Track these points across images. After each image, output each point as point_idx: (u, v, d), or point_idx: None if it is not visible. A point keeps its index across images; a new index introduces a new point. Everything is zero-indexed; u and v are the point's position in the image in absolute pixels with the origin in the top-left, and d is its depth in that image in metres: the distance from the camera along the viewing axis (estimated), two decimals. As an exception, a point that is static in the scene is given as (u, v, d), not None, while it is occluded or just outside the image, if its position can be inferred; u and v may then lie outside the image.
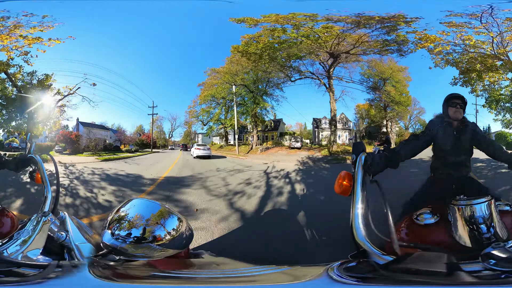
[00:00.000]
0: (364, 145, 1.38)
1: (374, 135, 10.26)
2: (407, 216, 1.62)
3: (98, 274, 0.81)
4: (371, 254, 1.01)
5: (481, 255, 0.81)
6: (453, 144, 2.14)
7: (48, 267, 0.78)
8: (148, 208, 0.99)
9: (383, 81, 9.12)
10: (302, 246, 3.04)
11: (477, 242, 1.20)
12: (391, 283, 0.81)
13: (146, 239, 0.91)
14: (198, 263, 1.34)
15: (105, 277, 0.80)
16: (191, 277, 1.02)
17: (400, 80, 9.06)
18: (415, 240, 1.14)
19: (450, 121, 2.18)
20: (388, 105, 9.54)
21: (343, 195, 1.31)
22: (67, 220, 1.17)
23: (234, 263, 1.20)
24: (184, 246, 1.02)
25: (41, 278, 0.73)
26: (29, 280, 0.73)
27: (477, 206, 1.22)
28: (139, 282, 0.89)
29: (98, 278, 0.78)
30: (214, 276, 1.06)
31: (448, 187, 2.18)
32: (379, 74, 8.95)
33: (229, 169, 8.20)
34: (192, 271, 1.13)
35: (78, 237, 1.07)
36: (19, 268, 0.77)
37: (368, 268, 0.93)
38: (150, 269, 0.97)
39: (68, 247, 1.00)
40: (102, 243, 0.95)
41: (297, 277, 1.01)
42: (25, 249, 0.84)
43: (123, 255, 0.94)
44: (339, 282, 0.84)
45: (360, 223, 1.08)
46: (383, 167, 1.53)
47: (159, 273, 0.96)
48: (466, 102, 2.18)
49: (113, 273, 0.89)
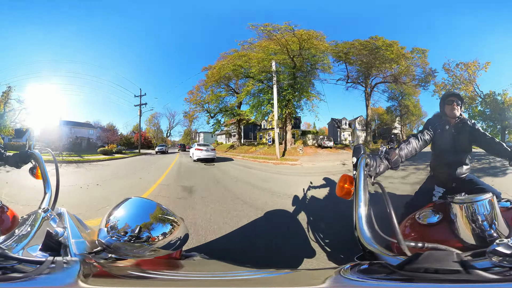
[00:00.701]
0: (365, 148, 1.39)
1: (384, 135, 12.57)
2: (409, 216, 1.62)
3: (87, 272, 0.80)
4: (380, 255, 1.00)
5: (488, 252, 0.81)
6: (452, 142, 2.14)
7: (44, 263, 0.78)
8: (145, 208, 0.98)
9: (401, 94, 12.13)
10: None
11: (480, 239, 1.20)
12: (411, 282, 0.80)
13: (140, 239, 0.91)
14: (189, 265, 1.33)
15: (94, 275, 0.80)
16: (180, 278, 1.01)
17: (415, 97, 12.00)
18: (420, 239, 1.13)
19: (447, 119, 2.19)
20: (405, 114, 12.41)
21: (345, 198, 1.31)
22: (66, 216, 1.17)
23: (227, 266, 1.19)
24: (177, 248, 1.00)
25: (35, 275, 0.73)
26: (27, 276, 0.72)
27: (479, 203, 1.22)
28: (126, 281, 0.88)
29: (86, 276, 0.78)
30: (204, 279, 1.04)
31: (449, 186, 2.17)
32: (401, 89, 11.82)
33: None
34: (182, 272, 1.12)
35: (75, 234, 1.07)
36: (20, 264, 0.77)
37: (383, 270, 0.92)
38: (139, 269, 0.96)
39: (65, 244, 1.00)
40: (97, 240, 0.94)
41: (299, 281, 1.00)
42: (25, 245, 0.84)
43: (116, 253, 0.93)
44: (360, 282, 0.84)
45: (364, 225, 1.08)
46: (384, 169, 1.53)
47: (146, 274, 0.95)
48: (462, 100, 2.18)
49: (102, 271, 0.88)
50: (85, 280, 0.76)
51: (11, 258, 0.77)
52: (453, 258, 0.81)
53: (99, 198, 4.87)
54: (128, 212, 0.94)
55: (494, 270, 0.77)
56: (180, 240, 1.01)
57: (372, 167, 1.39)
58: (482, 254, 0.85)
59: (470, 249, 1.06)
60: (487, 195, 1.23)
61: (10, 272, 0.73)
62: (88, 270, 0.82)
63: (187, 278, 1.02)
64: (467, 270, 0.77)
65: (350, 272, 0.91)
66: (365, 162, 1.31)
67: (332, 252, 2.78)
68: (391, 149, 1.69)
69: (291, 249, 3.06)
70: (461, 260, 0.81)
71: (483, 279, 0.75)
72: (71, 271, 0.79)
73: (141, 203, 0.99)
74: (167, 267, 1.11)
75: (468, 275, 0.76)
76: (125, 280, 0.89)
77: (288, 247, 3.11)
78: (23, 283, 0.70)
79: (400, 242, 1.04)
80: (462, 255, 0.86)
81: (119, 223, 0.91)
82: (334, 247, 2.87)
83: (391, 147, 1.69)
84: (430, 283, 0.77)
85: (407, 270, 0.82)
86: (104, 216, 0.96)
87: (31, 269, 0.75)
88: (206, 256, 1.50)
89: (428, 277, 0.78)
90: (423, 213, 1.51)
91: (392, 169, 1.64)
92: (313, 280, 1.00)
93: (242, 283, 0.97)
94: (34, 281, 0.70)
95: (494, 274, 0.75)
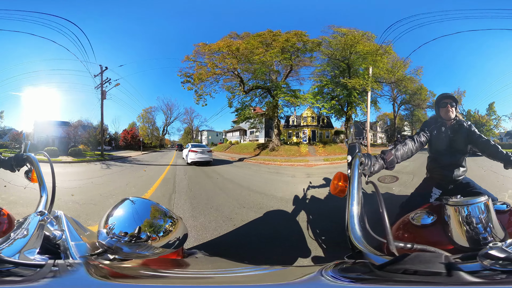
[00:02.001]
0: (360, 146, 1.39)
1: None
2: (403, 216, 1.62)
3: (93, 274, 0.80)
4: (367, 255, 1.00)
5: (479, 255, 0.81)
6: (448, 144, 2.15)
7: (44, 266, 0.78)
8: (143, 207, 0.99)
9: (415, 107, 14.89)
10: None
11: (474, 242, 1.20)
12: (388, 283, 0.80)
13: (140, 239, 0.92)
14: (191, 263, 1.34)
15: (101, 277, 0.80)
16: (185, 276, 1.02)
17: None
18: (412, 240, 1.14)
19: (443, 122, 2.19)
20: (416, 122, 14.80)
21: (339, 196, 1.32)
22: (63, 219, 1.18)
23: (228, 263, 1.21)
24: (178, 246, 1.02)
25: (38, 278, 0.73)
26: (27, 280, 0.72)
27: (474, 206, 1.23)
28: (133, 281, 0.88)
29: (94, 278, 0.78)
30: (207, 276, 1.06)
31: (444, 187, 2.19)
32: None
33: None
34: (185, 270, 1.13)
35: (73, 236, 1.07)
36: (17, 267, 0.76)
37: (364, 269, 0.92)
38: (144, 269, 0.97)
39: (64, 246, 1.00)
40: (97, 242, 0.95)
41: (289, 277, 1.01)
42: (22, 249, 0.83)
43: (118, 254, 0.94)
44: (332, 282, 0.83)
45: (356, 223, 1.07)
46: (379, 168, 1.54)
47: (153, 273, 0.96)
48: (457, 101, 2.18)
49: (108, 272, 0.88)
50: (99, 279, 0.77)
51: (8, 262, 0.76)
52: (440, 260, 0.81)
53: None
54: (126, 212, 0.95)
55: (483, 273, 0.77)
56: (180, 239, 1.02)
57: (367, 166, 1.39)
58: (473, 257, 0.84)
59: (463, 251, 1.07)
60: (482, 198, 1.23)
61: (8, 276, 0.73)
62: (95, 272, 0.83)
63: (196, 276, 1.05)
64: (449, 273, 0.76)
65: (330, 270, 0.91)
66: (360, 161, 1.32)
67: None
68: (388, 149, 1.71)
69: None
70: (448, 262, 0.81)
71: (463, 282, 0.74)
72: (79, 273, 0.79)
73: (139, 203, 0.99)
74: (174, 266, 1.13)
75: (448, 277, 0.75)
76: (139, 279, 0.90)
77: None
78: (26, 286, 0.70)
79: (390, 243, 1.04)
80: (450, 257, 0.87)
81: (118, 224, 0.92)
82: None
83: (391, 148, 1.71)
84: (408, 285, 0.77)
85: (388, 271, 0.82)
86: (102, 218, 0.97)
87: (30, 273, 0.75)
88: (206, 253, 1.52)
89: (405, 279, 0.78)
90: (417, 214, 1.51)
91: (387, 169, 1.66)
92: (292, 276, 1.03)
93: (243, 279, 0.99)
94: (39, 285, 0.71)
95: (481, 277, 0.75)
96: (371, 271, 0.88)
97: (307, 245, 3.02)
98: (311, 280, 0.87)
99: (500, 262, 0.76)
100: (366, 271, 0.90)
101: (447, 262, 0.80)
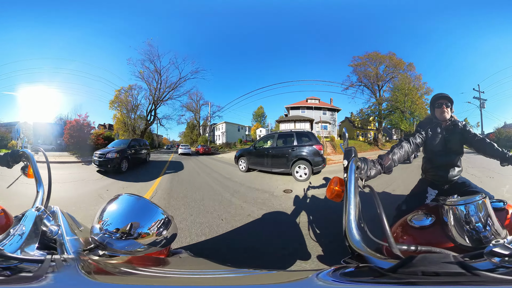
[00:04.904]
0: (356, 150, 1.38)
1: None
2: (401, 219, 1.63)
3: (83, 270, 0.81)
4: (369, 258, 0.98)
5: (485, 253, 0.81)
6: (443, 144, 2.15)
7: (44, 261, 0.79)
8: (136, 205, 0.99)
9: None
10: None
11: (476, 240, 1.21)
12: (405, 285, 0.78)
13: (131, 235, 0.93)
14: (177, 262, 1.33)
15: (87, 273, 0.81)
16: (168, 276, 1.02)
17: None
18: (413, 242, 1.13)
19: (439, 122, 2.18)
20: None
21: (335, 200, 1.31)
22: (59, 214, 1.18)
23: (213, 264, 1.20)
24: (165, 245, 1.02)
25: (43, 274, 0.74)
26: (35, 277, 0.73)
27: (472, 204, 1.24)
28: (118, 278, 0.88)
29: (82, 274, 0.79)
30: (190, 276, 1.05)
31: (440, 188, 2.20)
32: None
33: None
34: (170, 269, 1.12)
35: (69, 232, 1.08)
36: (22, 263, 0.78)
37: (373, 273, 0.90)
38: (126, 266, 0.97)
39: (60, 242, 1.01)
40: (91, 237, 0.95)
41: (277, 280, 1.00)
42: (22, 245, 0.85)
43: (108, 250, 0.94)
44: (332, 285, 0.82)
45: (353, 227, 1.06)
46: (375, 174, 1.54)
47: (132, 270, 0.95)
48: (452, 101, 2.16)
49: (93, 268, 0.89)
50: (87, 276, 0.77)
51: (13, 258, 0.78)
52: (449, 260, 0.81)
53: None
54: (119, 209, 0.96)
55: (499, 271, 0.77)
56: (169, 238, 1.02)
57: (363, 170, 1.40)
58: (479, 256, 0.84)
59: (464, 251, 1.07)
60: (479, 196, 1.24)
61: (14, 273, 0.75)
62: (86, 268, 0.83)
63: (174, 276, 1.03)
64: (472, 272, 0.76)
65: (331, 275, 0.89)
66: (356, 165, 1.31)
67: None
68: (384, 154, 1.71)
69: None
70: (458, 261, 0.80)
71: (492, 280, 0.74)
72: (71, 269, 0.80)
73: (132, 200, 1.00)
74: (155, 264, 1.12)
75: (475, 276, 0.75)
76: (118, 277, 0.89)
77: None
78: (36, 285, 0.71)
79: (392, 245, 1.03)
80: (458, 257, 0.86)
81: (111, 220, 0.93)
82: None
83: (387, 152, 1.72)
84: (430, 285, 0.76)
85: (401, 273, 0.81)
86: (97, 213, 0.98)
87: (34, 268, 0.77)
88: (191, 253, 1.51)
89: (428, 280, 0.77)
90: (415, 216, 1.51)
91: (385, 173, 1.66)
92: (283, 278, 1.02)
93: (225, 281, 0.98)
94: (45, 281, 0.71)
95: (501, 274, 0.75)
96: (383, 275, 0.85)
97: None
98: (305, 283, 0.85)
99: (506, 259, 0.77)
100: (376, 274, 0.88)
101: (457, 262, 0.80)
